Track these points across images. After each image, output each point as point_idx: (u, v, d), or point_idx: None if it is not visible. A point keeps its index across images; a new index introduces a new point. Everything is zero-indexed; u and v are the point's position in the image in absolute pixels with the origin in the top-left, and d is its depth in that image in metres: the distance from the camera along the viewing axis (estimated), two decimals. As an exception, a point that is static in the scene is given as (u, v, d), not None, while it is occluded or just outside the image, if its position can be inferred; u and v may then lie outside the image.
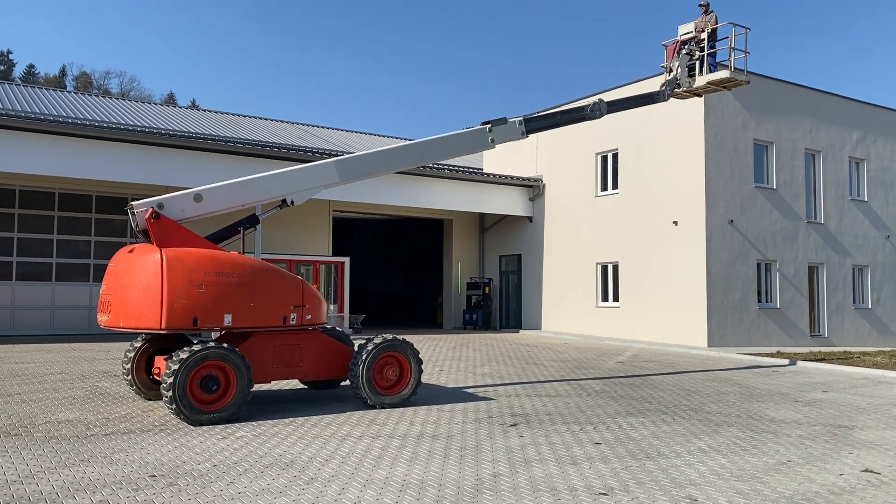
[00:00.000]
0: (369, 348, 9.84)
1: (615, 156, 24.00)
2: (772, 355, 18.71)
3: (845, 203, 24.66)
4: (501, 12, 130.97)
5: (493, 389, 12.09)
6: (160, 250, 8.87)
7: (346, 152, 22.99)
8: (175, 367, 8.34)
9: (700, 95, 16.66)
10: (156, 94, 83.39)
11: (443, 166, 25.36)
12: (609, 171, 24.28)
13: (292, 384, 11.98)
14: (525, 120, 12.96)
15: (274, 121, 34.53)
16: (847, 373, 15.85)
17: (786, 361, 17.39)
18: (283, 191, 10.80)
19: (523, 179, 26.82)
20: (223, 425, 8.51)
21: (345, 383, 11.17)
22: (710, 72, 15.59)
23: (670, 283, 21.63)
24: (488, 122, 12.53)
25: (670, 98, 15.67)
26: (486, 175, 26.49)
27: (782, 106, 23.04)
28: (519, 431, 8.62)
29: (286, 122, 34.74)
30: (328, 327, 10.98)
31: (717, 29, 15.91)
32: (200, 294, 8.78)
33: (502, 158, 28.21)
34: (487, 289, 27.87)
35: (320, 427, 8.57)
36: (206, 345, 8.66)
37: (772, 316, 22.12)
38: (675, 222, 21.65)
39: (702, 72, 15.62)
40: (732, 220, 21.45)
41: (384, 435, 8.21)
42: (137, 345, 10.11)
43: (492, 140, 12.51)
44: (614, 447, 7.89)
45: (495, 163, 28.85)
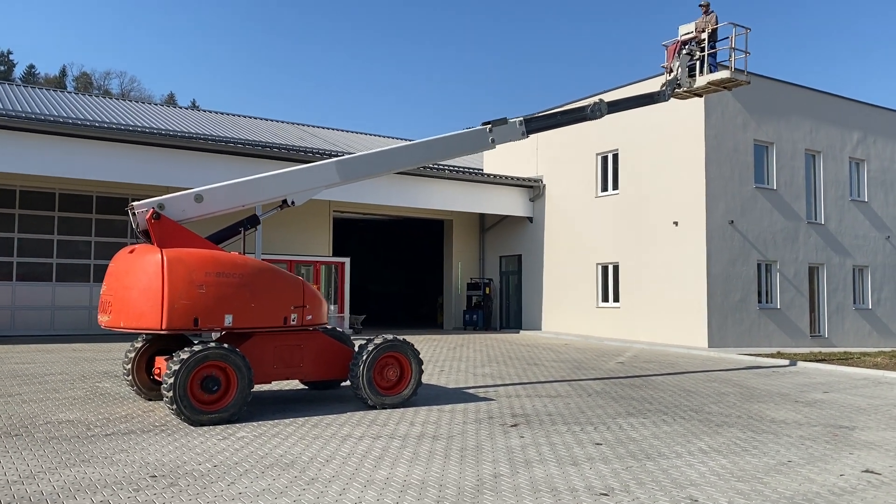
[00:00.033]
0: (370, 349, 9.84)
1: (615, 156, 24.00)
2: (772, 356, 18.72)
3: (845, 204, 24.66)
4: (501, 12, 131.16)
5: (494, 390, 12.10)
6: (161, 251, 8.88)
7: (346, 153, 22.99)
8: (176, 367, 8.35)
9: (700, 96, 16.68)
10: (156, 95, 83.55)
11: (443, 167, 25.36)
12: (609, 172, 24.29)
13: (293, 384, 11.98)
14: (525, 120, 12.97)
15: (274, 121, 34.53)
16: (847, 373, 15.85)
17: (786, 362, 17.39)
18: (284, 191, 10.82)
19: (523, 180, 26.83)
20: (224, 426, 8.51)
21: (345, 384, 11.17)
22: (711, 72, 15.60)
23: (671, 284, 21.64)
24: (489, 123, 12.53)
25: (671, 98, 15.68)
26: (487, 175, 26.50)
27: (782, 106, 23.05)
28: (519, 432, 8.62)
29: (286, 123, 34.74)
30: (328, 328, 10.99)
31: (718, 29, 15.93)
32: (201, 294, 8.79)
33: (502, 159, 28.22)
34: (488, 289, 27.86)
35: (321, 427, 8.57)
36: (207, 345, 8.66)
37: (772, 316, 22.12)
38: (675, 223, 21.65)
39: (702, 72, 15.64)
40: (733, 221, 21.45)
41: (385, 435, 8.21)
42: (138, 345, 10.12)
43: (492, 140, 12.51)
44: (615, 447, 7.89)
45: (495, 163, 28.86)
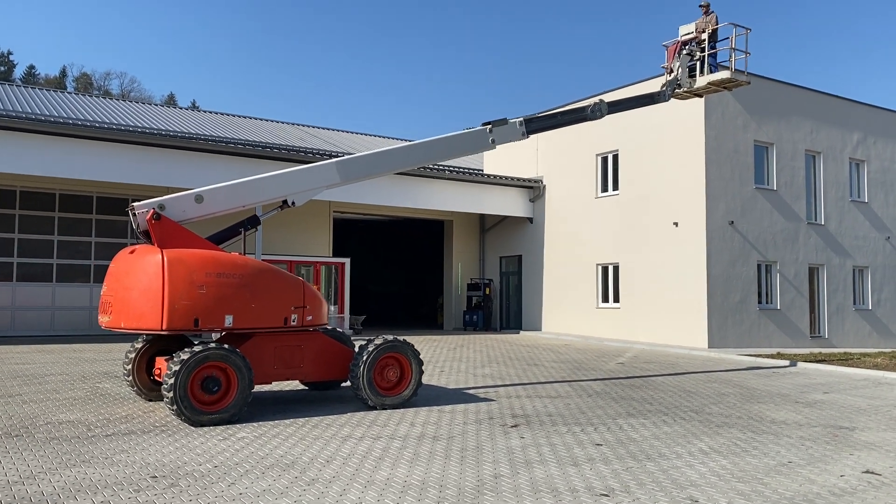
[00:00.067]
0: (370, 349, 9.84)
1: (615, 157, 24.01)
2: (772, 356, 18.71)
3: (846, 204, 24.67)
4: (501, 12, 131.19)
5: (494, 390, 12.09)
6: (161, 251, 8.88)
7: (346, 153, 23.01)
8: (176, 367, 8.35)
9: (701, 96, 16.69)
10: (156, 95, 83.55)
11: (443, 167, 25.37)
12: (609, 172, 24.29)
13: (293, 385, 11.98)
14: (525, 121, 12.97)
15: (274, 122, 34.54)
16: (848, 374, 15.85)
17: (786, 363, 17.38)
18: (284, 191, 10.82)
19: (524, 180, 26.83)
20: (224, 426, 8.51)
21: (345, 384, 11.18)
22: (711, 72, 15.60)
23: (671, 284, 21.64)
24: (489, 123, 12.53)
25: (671, 98, 15.68)
26: (487, 176, 26.51)
27: (783, 107, 23.05)
28: (520, 432, 8.62)
29: (286, 123, 34.75)
30: (329, 328, 10.99)
31: (718, 29, 15.93)
32: (201, 295, 8.79)
33: (503, 159, 28.22)
34: (488, 290, 27.87)
35: (321, 428, 8.57)
36: (207, 346, 8.66)
37: (772, 317, 22.13)
38: (675, 223, 21.66)
39: (702, 72, 15.64)
40: (733, 222, 21.46)
41: (385, 436, 8.21)
42: (138, 346, 10.12)
43: (492, 141, 12.52)
44: (615, 448, 7.89)
45: (496, 164, 28.86)
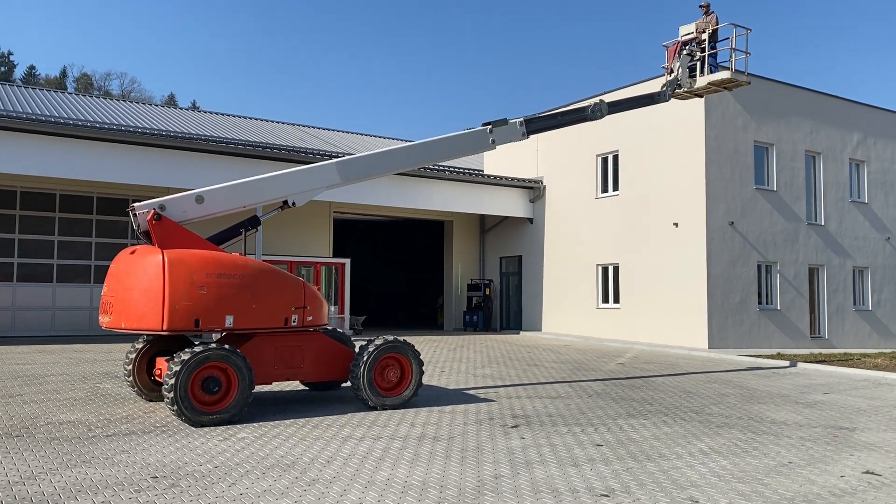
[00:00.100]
0: (370, 349, 9.85)
1: (615, 157, 24.01)
2: (772, 357, 18.71)
3: (846, 205, 24.67)
4: (501, 12, 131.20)
5: (494, 391, 12.10)
6: (162, 252, 8.89)
7: (346, 153, 23.01)
8: (176, 368, 8.36)
9: (701, 96, 16.68)
10: (156, 96, 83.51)
11: (443, 168, 25.38)
12: (609, 173, 24.30)
13: (293, 385, 11.99)
14: (526, 121, 12.97)
15: (274, 122, 34.55)
16: (848, 374, 15.86)
17: (786, 363, 17.39)
18: (285, 192, 10.83)
19: (524, 181, 26.84)
20: (224, 426, 8.52)
21: (346, 384, 11.18)
22: (711, 73, 15.60)
23: (671, 285, 21.64)
24: (489, 123, 12.54)
25: (671, 98, 15.68)
26: (487, 176, 26.51)
27: (783, 108, 23.06)
28: (520, 433, 8.62)
29: (287, 124, 34.77)
30: (329, 328, 11.00)
31: (718, 30, 15.94)
32: (202, 295, 8.80)
33: (503, 160, 28.22)
34: (488, 290, 27.87)
35: (321, 428, 8.57)
36: (208, 346, 8.67)
37: (772, 317, 22.13)
38: (675, 224, 21.66)
39: (703, 73, 15.64)
40: (733, 222, 21.46)
41: (385, 436, 8.22)
42: (139, 346, 10.12)
43: (492, 141, 12.52)
44: (615, 449, 7.90)
45: (496, 164, 28.86)
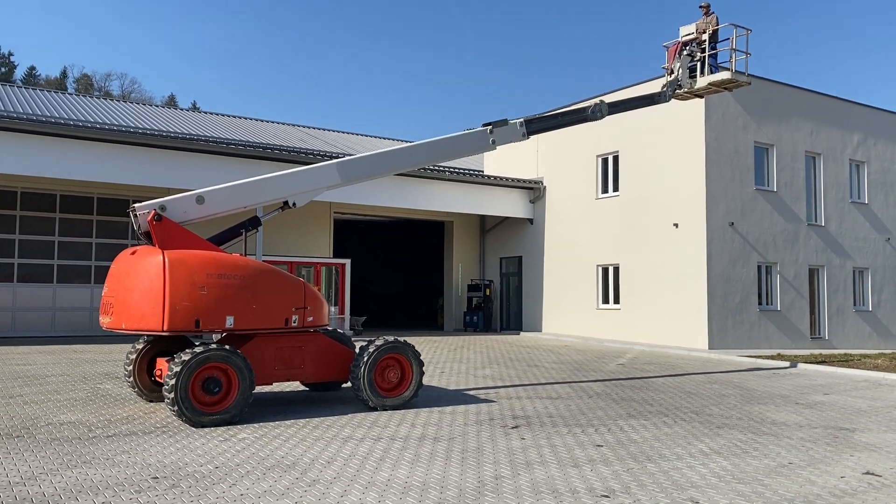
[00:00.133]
0: (371, 350, 9.85)
1: (616, 158, 24.02)
2: (772, 357, 18.72)
3: (846, 205, 24.67)
4: (502, 12, 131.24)
5: (494, 391, 12.10)
6: (162, 252, 8.89)
7: (346, 154, 23.01)
8: (177, 368, 8.36)
9: (701, 96, 16.68)
10: (156, 96, 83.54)
11: (443, 168, 25.38)
12: (610, 173, 24.30)
13: (294, 386, 11.99)
14: (526, 121, 12.97)
15: (275, 123, 34.55)
16: (848, 375, 15.86)
17: (786, 364, 17.39)
18: (285, 192, 10.83)
19: (524, 181, 26.84)
20: (225, 427, 8.52)
21: (346, 385, 11.18)
22: (712, 73, 15.61)
23: (671, 286, 21.64)
24: (489, 124, 12.54)
25: (672, 99, 15.69)
26: (487, 177, 26.51)
27: (783, 108, 23.06)
28: (520, 433, 8.63)
29: (287, 125, 34.77)
30: (329, 329, 11.00)
31: (718, 30, 15.93)
32: (202, 296, 8.80)
33: (503, 160, 28.22)
34: (488, 290, 27.88)
35: (322, 429, 8.58)
36: (208, 347, 8.67)
37: (772, 318, 22.13)
38: (675, 224, 21.66)
39: (703, 73, 15.64)
40: (733, 223, 21.46)
41: (386, 437, 8.22)
42: (139, 346, 10.12)
43: (493, 141, 12.52)
44: (616, 449, 7.90)
45: (496, 165, 28.87)
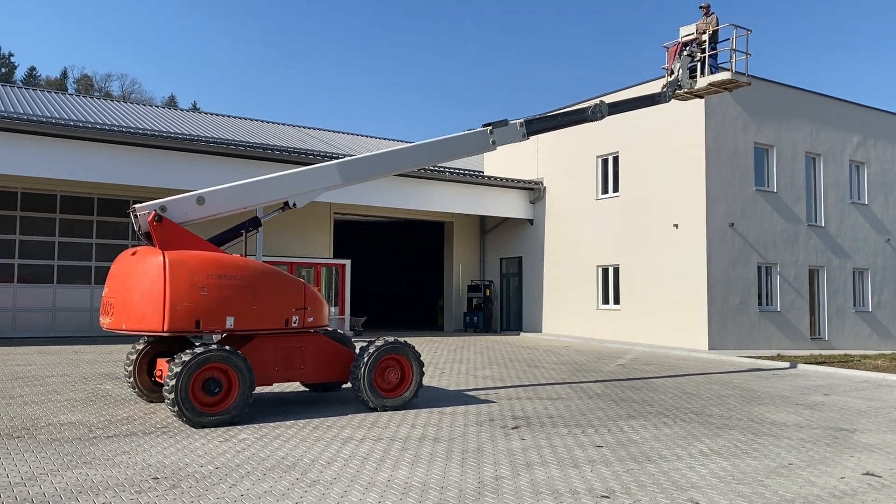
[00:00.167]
0: (371, 351, 9.85)
1: (616, 158, 24.02)
2: (772, 358, 18.72)
3: (846, 206, 24.68)
4: (503, 12, 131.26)
5: (495, 392, 12.10)
6: (163, 253, 8.89)
7: (347, 154, 23.03)
8: (177, 369, 8.36)
9: (701, 97, 16.68)
10: (157, 97, 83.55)
11: (443, 169, 25.39)
12: (610, 174, 24.31)
13: (294, 386, 11.99)
14: (526, 122, 12.98)
15: (275, 123, 34.58)
16: (848, 376, 15.86)
17: (786, 364, 17.39)
18: (285, 193, 10.83)
19: (524, 182, 26.85)
20: (225, 428, 8.52)
21: (346, 386, 11.19)
22: (712, 73, 15.60)
23: (671, 286, 21.65)
24: (489, 124, 12.54)
25: (672, 99, 15.68)
26: (487, 178, 26.52)
27: (783, 109, 23.07)
28: (520, 434, 8.63)
29: (287, 125, 34.79)
30: (329, 330, 11.01)
31: (719, 31, 15.92)
32: (203, 296, 8.80)
33: (503, 161, 28.23)
34: (488, 291, 27.88)
35: (322, 429, 8.58)
36: (209, 347, 8.68)
37: (772, 319, 22.13)
38: (675, 225, 21.67)
39: (703, 73, 15.62)
40: (733, 223, 21.47)
41: (386, 437, 8.22)
42: (140, 347, 10.13)
43: (493, 142, 12.52)
44: (616, 450, 7.90)
45: (496, 165, 28.87)
